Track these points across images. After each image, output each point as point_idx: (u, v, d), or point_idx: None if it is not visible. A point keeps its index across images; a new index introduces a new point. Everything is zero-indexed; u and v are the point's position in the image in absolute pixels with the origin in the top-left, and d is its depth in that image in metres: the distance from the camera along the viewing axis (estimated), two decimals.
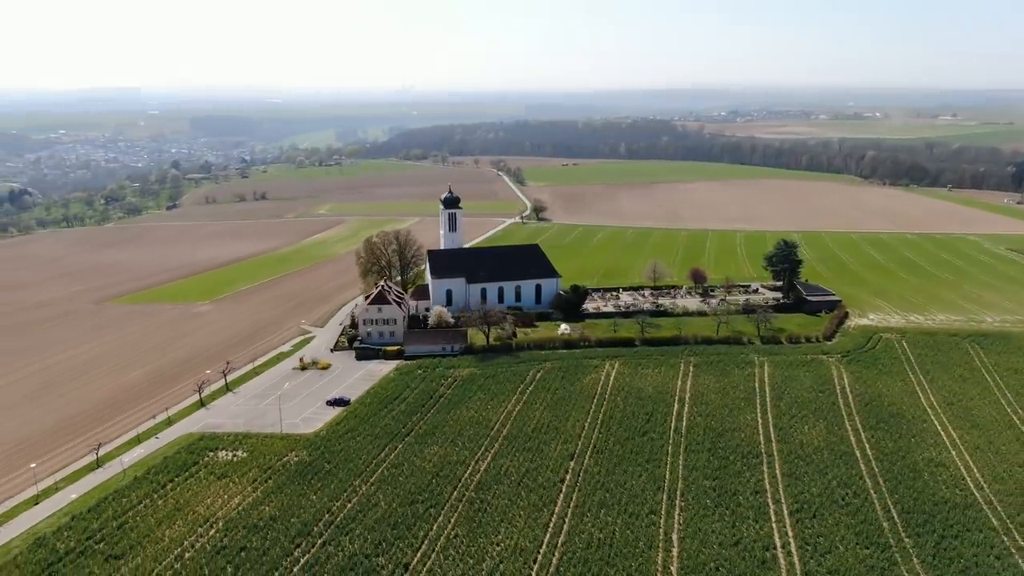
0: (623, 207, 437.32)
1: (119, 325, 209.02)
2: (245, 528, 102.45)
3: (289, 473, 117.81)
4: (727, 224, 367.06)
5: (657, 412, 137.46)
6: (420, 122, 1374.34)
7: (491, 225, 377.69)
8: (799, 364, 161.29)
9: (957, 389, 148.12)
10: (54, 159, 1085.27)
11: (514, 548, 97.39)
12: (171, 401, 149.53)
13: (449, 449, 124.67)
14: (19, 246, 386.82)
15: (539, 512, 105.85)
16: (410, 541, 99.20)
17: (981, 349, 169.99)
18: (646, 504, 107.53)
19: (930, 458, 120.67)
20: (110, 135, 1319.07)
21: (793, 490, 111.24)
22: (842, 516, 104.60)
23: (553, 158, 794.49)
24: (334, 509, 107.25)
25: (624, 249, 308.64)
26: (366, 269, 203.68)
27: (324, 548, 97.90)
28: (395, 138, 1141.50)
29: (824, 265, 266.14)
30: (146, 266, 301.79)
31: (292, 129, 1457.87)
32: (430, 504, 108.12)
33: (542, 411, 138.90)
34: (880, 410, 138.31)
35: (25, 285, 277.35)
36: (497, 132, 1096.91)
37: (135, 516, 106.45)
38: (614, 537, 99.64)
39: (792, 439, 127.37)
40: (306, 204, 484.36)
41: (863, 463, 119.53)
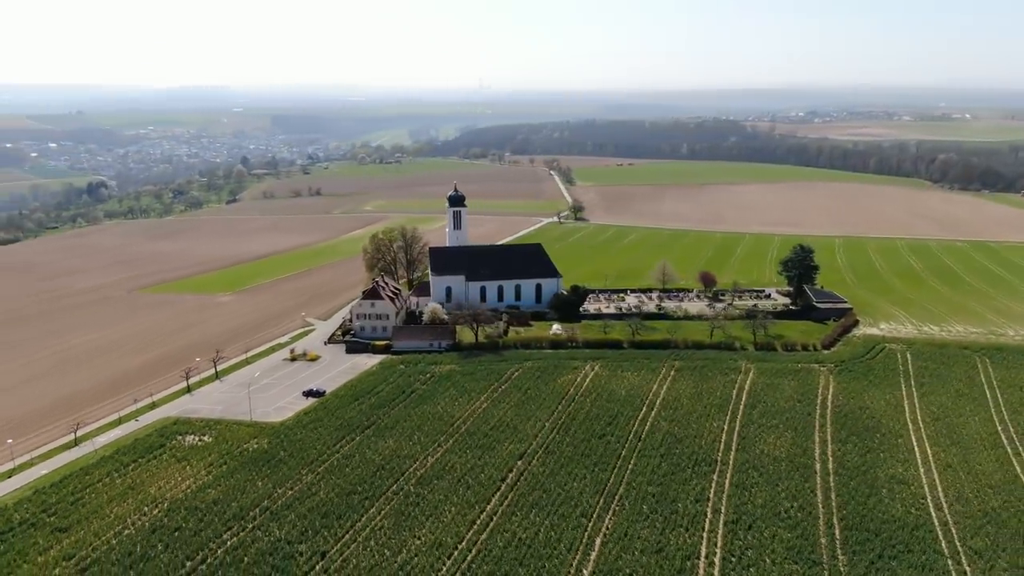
0: (666, 208, 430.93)
1: (140, 313, 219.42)
2: (186, 510, 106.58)
3: (244, 460, 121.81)
4: (769, 227, 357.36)
5: (622, 415, 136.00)
6: (492, 121, 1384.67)
7: (527, 224, 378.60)
8: (786, 372, 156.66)
9: (949, 404, 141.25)
10: (141, 154, 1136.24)
11: (434, 543, 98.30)
12: (164, 386, 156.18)
13: (403, 443, 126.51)
14: (83, 236, 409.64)
15: (470, 509, 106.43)
16: (335, 531, 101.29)
17: (991, 363, 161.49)
18: (579, 507, 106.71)
19: (894, 474, 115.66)
20: (195, 131, 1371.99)
21: (736, 500, 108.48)
22: (779, 529, 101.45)
23: (611, 158, 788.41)
24: (275, 496, 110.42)
25: (652, 250, 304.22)
26: (371, 265, 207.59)
27: (252, 532, 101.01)
28: (461, 136, 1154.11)
29: (854, 271, 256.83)
30: (187, 257, 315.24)
31: (367, 127, 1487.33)
32: (366, 496, 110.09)
33: (507, 410, 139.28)
34: (856, 423, 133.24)
35: (75, 272, 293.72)
36: (562, 131, 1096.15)
37: (91, 493, 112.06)
38: (536, 538, 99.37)
39: (752, 448, 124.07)
40: (356, 200, 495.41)
41: (820, 476, 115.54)
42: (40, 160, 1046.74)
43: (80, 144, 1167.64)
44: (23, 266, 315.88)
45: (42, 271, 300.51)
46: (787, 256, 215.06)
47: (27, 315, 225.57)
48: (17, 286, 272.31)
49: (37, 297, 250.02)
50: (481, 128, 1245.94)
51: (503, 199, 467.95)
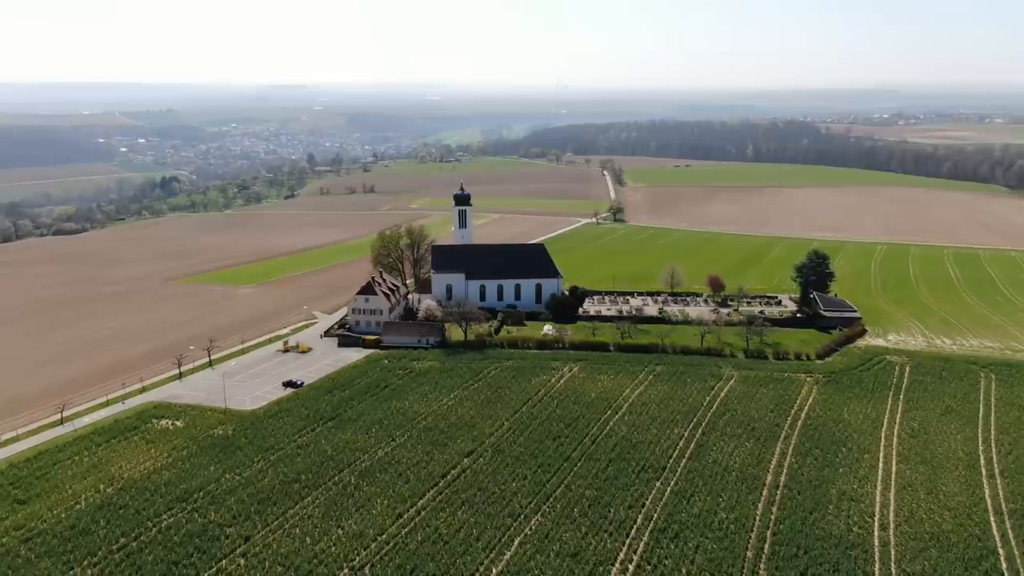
0: (712, 211, 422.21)
1: (164, 302, 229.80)
2: (136, 489, 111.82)
3: (205, 445, 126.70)
4: (812, 232, 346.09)
5: (584, 418, 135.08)
6: (565, 120, 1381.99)
7: (563, 224, 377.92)
8: (769, 381, 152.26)
9: (933, 421, 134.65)
10: (221, 150, 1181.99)
11: (355, 533, 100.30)
12: (160, 372, 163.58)
13: (359, 436, 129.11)
14: (142, 228, 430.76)
15: (402, 503, 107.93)
16: (266, 517, 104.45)
17: (996, 380, 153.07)
18: (509, 507, 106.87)
19: (846, 491, 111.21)
20: (274, 129, 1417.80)
21: (672, 509, 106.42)
22: (706, 540, 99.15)
23: (672, 159, 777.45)
24: (222, 480, 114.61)
25: (682, 253, 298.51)
26: (378, 262, 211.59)
27: (190, 514, 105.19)
28: (529, 136, 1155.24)
29: (885, 280, 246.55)
30: (228, 250, 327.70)
31: (442, 125, 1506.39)
32: (307, 485, 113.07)
33: (471, 408, 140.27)
34: (824, 436, 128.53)
35: (122, 262, 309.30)
36: (630, 132, 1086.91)
37: (58, 469, 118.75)
38: (456, 535, 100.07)
39: (706, 457, 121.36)
40: (406, 198, 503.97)
41: (768, 488, 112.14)
42: (129, 155, 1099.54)
43: (166, 140, 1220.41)
44: (78, 255, 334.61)
45: (93, 260, 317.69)
46: (801, 262, 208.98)
47: (62, 301, 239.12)
48: (65, 273, 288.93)
49: (77, 284, 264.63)
50: (551, 128, 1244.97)
51: (548, 199, 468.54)
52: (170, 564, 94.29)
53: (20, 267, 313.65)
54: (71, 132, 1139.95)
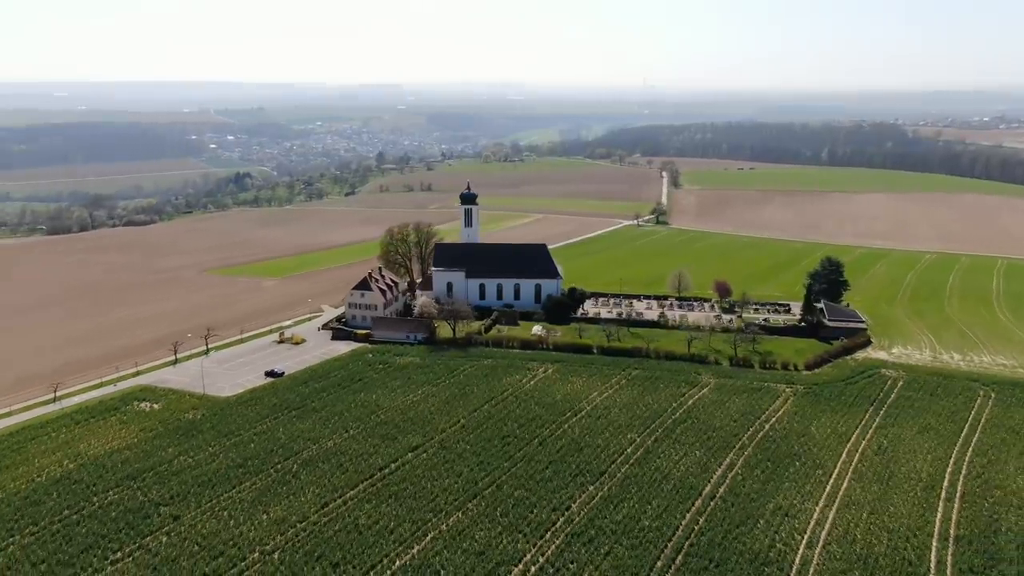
0: (764, 215, 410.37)
1: (192, 291, 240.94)
2: (94, 466, 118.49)
3: (172, 427, 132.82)
4: (861, 239, 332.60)
5: (540, 420, 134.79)
6: (647, 121, 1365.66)
7: (604, 226, 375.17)
8: (746, 390, 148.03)
9: (907, 439, 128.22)
10: (304, 148, 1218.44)
11: (277, 519, 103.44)
12: (161, 356, 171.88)
13: (316, 426, 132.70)
14: (204, 221, 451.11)
15: (332, 492, 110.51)
16: (202, 498, 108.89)
17: (994, 399, 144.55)
18: (434, 503, 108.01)
19: (784, 506, 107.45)
20: (357, 127, 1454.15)
21: (595, 514, 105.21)
22: (619, 547, 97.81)
23: (742, 161, 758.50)
24: (174, 462, 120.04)
25: (713, 257, 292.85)
26: (384, 258, 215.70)
27: (133, 492, 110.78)
28: (604, 137, 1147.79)
29: (916, 289, 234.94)
30: (272, 244, 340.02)
31: (521, 125, 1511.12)
32: (250, 470, 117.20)
33: (434, 404, 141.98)
34: (782, 449, 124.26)
35: (173, 253, 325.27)
36: (704, 133, 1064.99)
37: (33, 444, 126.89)
38: (372, 526, 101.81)
39: (650, 464, 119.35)
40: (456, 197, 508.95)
41: (702, 499, 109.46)
42: (217, 151, 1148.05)
43: (253, 138, 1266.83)
44: (138, 245, 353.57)
45: (148, 250, 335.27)
46: (814, 269, 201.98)
47: (106, 286, 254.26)
48: (119, 261, 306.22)
49: (124, 272, 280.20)
50: (628, 128, 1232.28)
51: (597, 200, 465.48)
52: (99, 537, 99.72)
53: (84, 254, 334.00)
54: (166, 129, 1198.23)
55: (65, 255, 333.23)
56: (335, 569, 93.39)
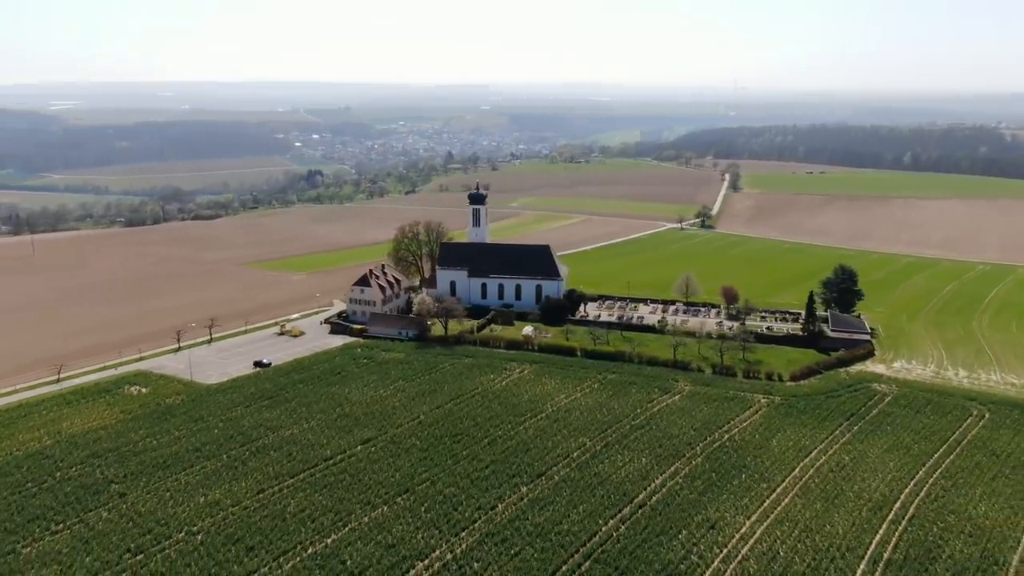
0: (817, 221, 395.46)
1: (225, 283, 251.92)
2: (68, 444, 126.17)
3: (150, 410, 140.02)
4: (914, 248, 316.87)
5: (497, 420, 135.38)
6: (732, 122, 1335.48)
7: (646, 228, 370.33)
8: (718, 399, 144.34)
9: (873, 456, 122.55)
10: (385, 146, 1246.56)
11: (212, 502, 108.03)
12: (170, 344, 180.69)
13: (282, 415, 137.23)
14: (265, 217, 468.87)
15: (272, 480, 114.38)
16: (154, 479, 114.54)
17: (988, 419, 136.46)
18: (364, 495, 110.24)
19: (713, 518, 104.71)
20: (438, 127, 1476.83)
21: (518, 515, 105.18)
22: (529, 548, 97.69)
23: (815, 164, 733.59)
24: (140, 443, 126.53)
25: (748, 262, 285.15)
26: (395, 256, 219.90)
27: (91, 470, 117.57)
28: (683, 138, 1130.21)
29: (949, 302, 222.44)
30: (318, 239, 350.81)
31: (603, 126, 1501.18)
32: (204, 454, 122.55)
33: (401, 399, 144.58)
34: (733, 461, 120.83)
35: (222, 247, 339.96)
36: (785, 136, 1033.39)
37: (23, 420, 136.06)
38: (298, 515, 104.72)
39: (590, 469, 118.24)
40: (511, 197, 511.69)
41: (631, 506, 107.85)
42: (302, 149, 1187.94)
43: (337, 136, 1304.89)
44: (194, 239, 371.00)
45: (201, 243, 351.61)
46: (826, 277, 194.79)
47: (150, 276, 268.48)
48: (172, 253, 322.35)
49: (172, 263, 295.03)
50: (708, 130, 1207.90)
51: (648, 202, 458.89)
52: (47, 509, 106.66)
53: (144, 246, 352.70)
54: (256, 128, 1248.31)
55: (128, 246, 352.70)
56: (249, 552, 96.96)
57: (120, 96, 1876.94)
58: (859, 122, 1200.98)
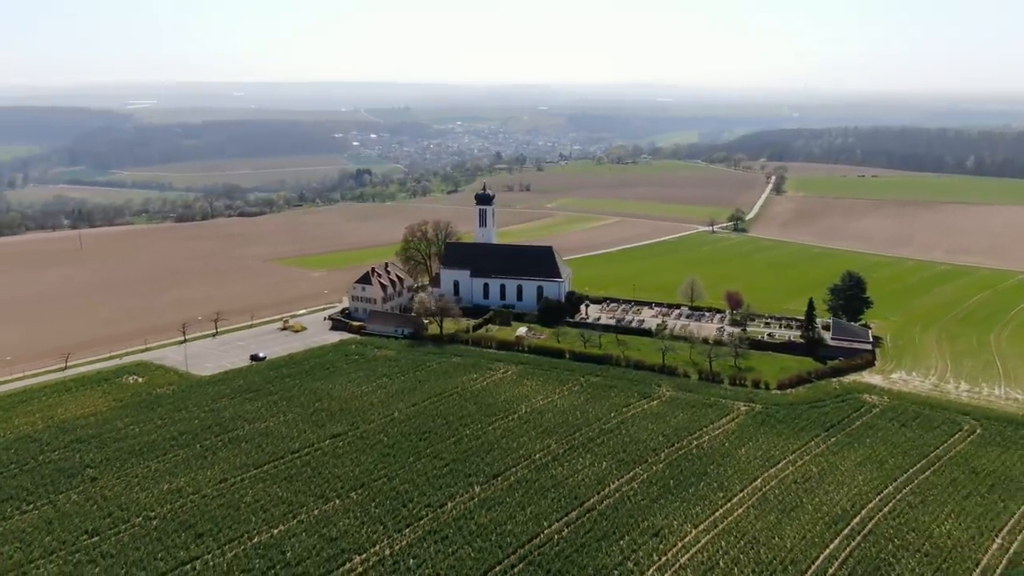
0: (857, 225, 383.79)
1: (248, 279, 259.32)
2: (57, 429, 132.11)
3: (140, 399, 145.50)
4: (953, 255, 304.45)
5: (469, 419, 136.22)
6: (796, 123, 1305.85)
7: (676, 231, 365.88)
8: (697, 406, 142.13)
9: (842, 470, 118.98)
10: (440, 146, 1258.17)
11: (175, 489, 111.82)
12: (176, 335, 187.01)
13: (261, 408, 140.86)
14: (307, 214, 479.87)
15: (236, 471, 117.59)
16: (124, 464, 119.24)
17: (978, 436, 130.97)
18: (319, 488, 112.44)
19: (659, 526, 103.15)
20: (495, 127, 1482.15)
21: (464, 513, 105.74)
22: (467, 547, 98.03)
23: (876, 168, 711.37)
24: (122, 431, 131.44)
25: (770, 267, 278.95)
26: (404, 255, 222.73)
27: (71, 454, 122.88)
28: (740, 140, 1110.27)
29: (973, 312, 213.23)
30: (346, 238, 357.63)
31: (662, 127, 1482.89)
32: (179, 443, 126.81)
33: (381, 396, 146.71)
34: (694, 469, 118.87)
35: (258, 243, 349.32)
36: (845, 138, 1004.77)
37: (23, 405, 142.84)
38: (252, 505, 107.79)
39: (548, 471, 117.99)
40: (548, 198, 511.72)
41: (578, 511, 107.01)
42: (359, 149, 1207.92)
43: (395, 136, 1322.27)
44: (233, 235, 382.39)
45: (237, 239, 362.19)
46: (834, 284, 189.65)
47: (180, 270, 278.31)
48: (208, 248, 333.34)
49: (204, 259, 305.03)
50: (763, 131, 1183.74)
51: (685, 204, 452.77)
52: (22, 490, 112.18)
53: (185, 240, 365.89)
54: (316, 127, 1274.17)
55: (170, 241, 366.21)
56: (198, 539, 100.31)
57: (195, 96, 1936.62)
58: (926, 124, 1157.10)
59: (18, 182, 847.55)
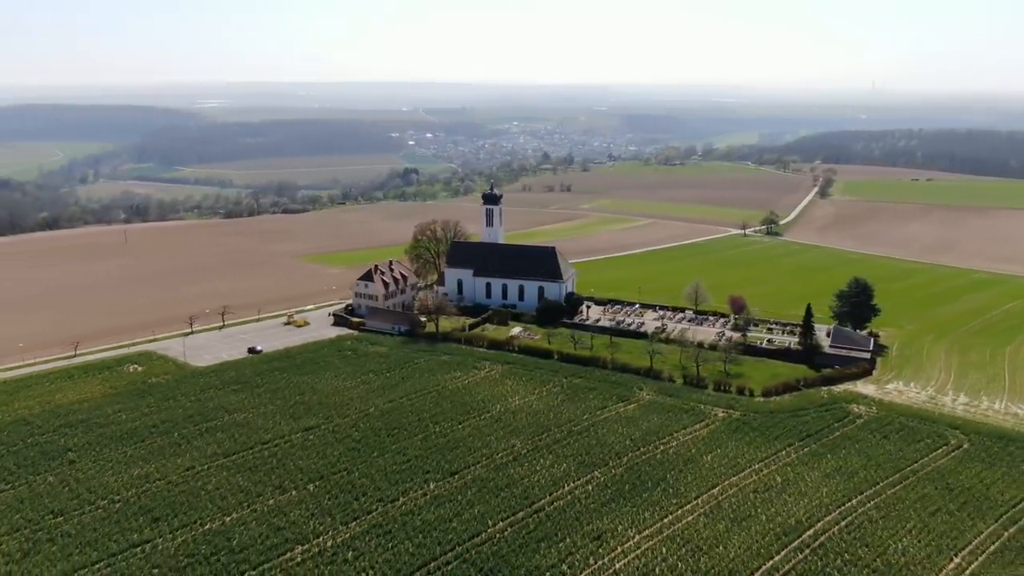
0: (901, 231, 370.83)
1: (271, 274, 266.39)
2: (50, 414, 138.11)
3: (135, 387, 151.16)
4: (995, 263, 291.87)
5: (441, 416, 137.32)
6: (861, 125, 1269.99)
7: (707, 233, 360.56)
8: (673, 410, 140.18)
9: (807, 481, 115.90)
10: (494, 146, 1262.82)
11: (142, 476, 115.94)
12: (185, 327, 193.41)
13: (244, 399, 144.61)
14: (345, 212, 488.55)
15: (205, 459, 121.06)
16: (103, 450, 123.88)
17: (963, 451, 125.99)
18: (278, 479, 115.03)
19: (603, 529, 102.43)
20: (551, 127, 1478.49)
21: (413, 509, 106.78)
22: (406, 543, 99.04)
23: (935, 171, 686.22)
24: (110, 418, 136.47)
25: (790, 271, 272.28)
26: (412, 253, 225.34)
27: (57, 438, 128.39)
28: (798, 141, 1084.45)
29: (997, 323, 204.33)
30: (375, 236, 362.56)
31: (721, 128, 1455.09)
32: (158, 432, 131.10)
33: (362, 391, 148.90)
34: (653, 474, 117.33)
35: (290, 240, 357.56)
36: (909, 140, 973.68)
37: (24, 391, 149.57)
38: (212, 492, 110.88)
39: (505, 471, 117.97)
40: (591, 198, 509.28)
41: (526, 511, 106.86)
42: (415, 148, 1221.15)
43: (450, 136, 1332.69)
44: (269, 231, 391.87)
45: (271, 236, 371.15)
46: (840, 290, 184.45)
47: (210, 264, 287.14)
48: (242, 244, 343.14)
49: (235, 254, 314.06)
50: (825, 133, 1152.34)
51: (726, 206, 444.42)
52: (3, 470, 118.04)
53: (224, 235, 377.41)
54: (372, 127, 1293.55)
55: (210, 236, 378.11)
56: (153, 523, 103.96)
57: (261, 96, 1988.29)
58: (999, 127, 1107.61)
59: (89, 177, 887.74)
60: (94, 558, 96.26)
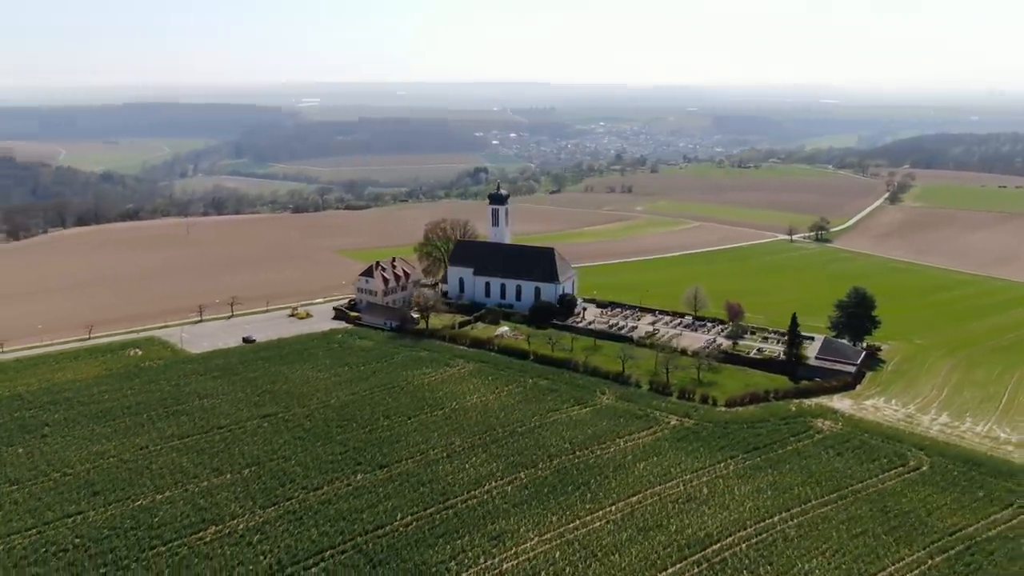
0: (963, 241, 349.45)
1: (306, 267, 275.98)
2: (42, 391, 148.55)
3: (130, 369, 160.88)
4: None
5: (395, 411, 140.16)
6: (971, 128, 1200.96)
7: (754, 237, 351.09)
8: (626, 416, 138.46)
9: (735, 494, 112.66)
10: (577, 147, 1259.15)
11: (101, 452, 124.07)
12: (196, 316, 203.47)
13: (220, 386, 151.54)
14: (402, 210, 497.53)
15: (160, 439, 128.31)
16: (75, 426, 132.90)
17: (920, 473, 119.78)
18: (218, 463, 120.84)
19: (504, 530, 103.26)
20: (637, 128, 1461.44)
21: (332, 498, 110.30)
22: (313, 530, 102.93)
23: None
24: (94, 397, 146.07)
25: (823, 280, 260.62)
26: (421, 252, 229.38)
27: (39, 413, 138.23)
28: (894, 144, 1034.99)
29: (1020, 342, 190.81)
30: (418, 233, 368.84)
31: (819, 129, 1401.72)
32: (131, 412, 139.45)
33: (332, 383, 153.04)
34: (578, 478, 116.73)
35: (340, 235, 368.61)
36: (1014, 144, 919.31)
37: (32, 369, 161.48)
38: (159, 470, 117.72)
39: (435, 467, 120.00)
40: (649, 200, 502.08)
41: (436, 507, 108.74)
42: (498, 148, 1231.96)
43: (533, 135, 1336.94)
44: (324, 226, 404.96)
45: (324, 231, 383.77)
46: (840, 300, 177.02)
47: (253, 258, 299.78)
48: (292, 238, 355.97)
49: (282, 247, 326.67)
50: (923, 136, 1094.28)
51: (784, 211, 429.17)
52: None
53: (279, 229, 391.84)
54: (458, 126, 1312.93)
55: (269, 229, 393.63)
56: (92, 497, 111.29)
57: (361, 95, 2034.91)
58: None
59: (188, 172, 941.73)
60: (28, 524, 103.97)
